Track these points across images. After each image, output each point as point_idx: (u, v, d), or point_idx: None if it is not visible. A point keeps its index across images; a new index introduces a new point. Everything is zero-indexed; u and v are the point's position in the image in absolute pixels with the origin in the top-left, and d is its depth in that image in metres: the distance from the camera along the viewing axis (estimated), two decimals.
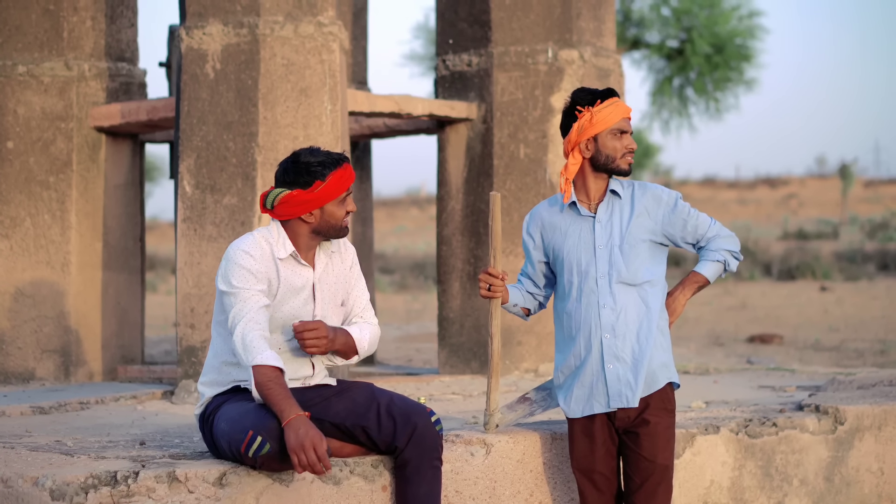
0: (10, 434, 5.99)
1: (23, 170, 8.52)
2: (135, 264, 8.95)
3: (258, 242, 5.01)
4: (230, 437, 4.83)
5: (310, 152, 5.03)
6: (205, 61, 7.70)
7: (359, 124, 9.83)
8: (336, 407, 5.04)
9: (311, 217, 5.04)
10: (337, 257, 5.22)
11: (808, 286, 26.51)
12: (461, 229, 8.88)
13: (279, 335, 5.06)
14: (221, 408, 4.98)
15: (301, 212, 5.02)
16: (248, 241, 5.01)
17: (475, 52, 8.85)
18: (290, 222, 5.08)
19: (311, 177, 4.99)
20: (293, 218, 5.05)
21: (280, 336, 5.07)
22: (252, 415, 4.78)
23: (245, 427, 4.76)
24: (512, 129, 8.70)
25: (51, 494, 4.66)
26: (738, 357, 14.46)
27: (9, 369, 8.48)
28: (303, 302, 5.08)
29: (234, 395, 5.00)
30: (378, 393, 5.07)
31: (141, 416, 6.97)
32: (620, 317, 5.23)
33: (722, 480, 6.22)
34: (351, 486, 5.09)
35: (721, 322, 19.57)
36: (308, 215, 5.04)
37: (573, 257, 5.32)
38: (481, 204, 8.75)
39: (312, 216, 5.04)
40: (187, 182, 7.70)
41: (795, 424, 6.46)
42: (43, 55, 8.61)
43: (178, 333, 7.84)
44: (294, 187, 5.00)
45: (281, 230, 5.08)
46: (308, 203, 5.00)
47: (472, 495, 5.45)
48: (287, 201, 5.00)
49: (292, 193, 5.00)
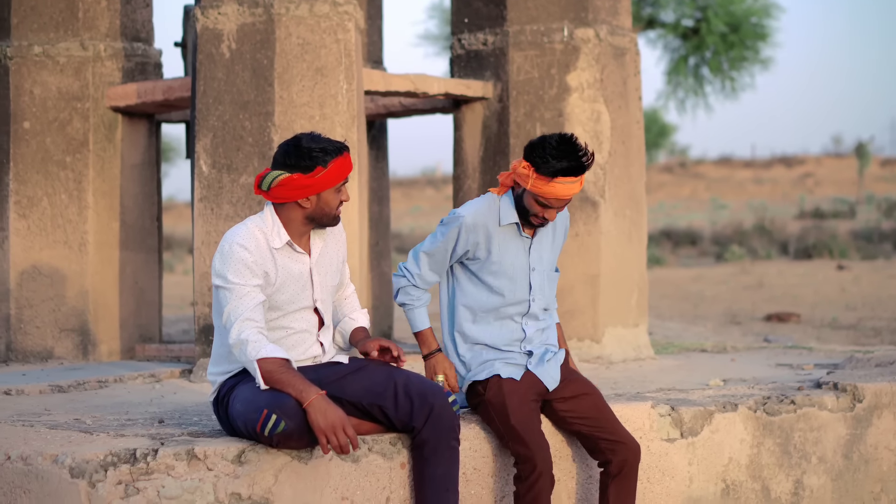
0: (30, 412, 6.01)
1: (39, 150, 8.53)
2: (152, 244, 8.95)
3: (252, 233, 4.97)
4: (245, 418, 4.84)
5: (311, 138, 4.99)
6: (220, 41, 7.69)
7: (374, 103, 9.82)
8: (352, 385, 5.04)
9: (308, 203, 5.01)
10: (332, 240, 5.22)
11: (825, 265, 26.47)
12: None
13: (282, 318, 5.06)
14: (235, 389, 4.98)
15: (298, 196, 4.98)
16: (242, 232, 4.96)
17: (491, 31, 8.83)
18: (283, 207, 5.03)
19: (313, 161, 4.95)
20: (288, 202, 5.01)
21: (283, 319, 5.06)
22: (266, 394, 4.79)
23: (259, 406, 4.77)
24: (528, 107, 8.68)
25: (70, 472, 4.68)
26: (755, 336, 14.45)
27: (27, 348, 8.51)
28: (301, 287, 5.08)
29: (246, 376, 5.00)
30: (395, 373, 5.07)
31: (159, 394, 6.99)
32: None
33: (740, 458, 6.22)
34: (370, 464, 5.10)
35: (738, 301, 19.55)
36: (305, 200, 5.00)
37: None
38: (498, 183, 8.73)
39: (309, 202, 5.00)
40: (204, 161, 7.70)
41: (814, 402, 6.46)
42: (58, 35, 8.61)
43: (195, 312, 7.85)
44: (294, 171, 4.96)
45: (275, 217, 5.04)
46: (307, 188, 4.96)
47: (491, 472, 5.46)
48: (286, 184, 4.96)
49: (292, 177, 4.95)
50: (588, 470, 5.71)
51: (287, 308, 5.04)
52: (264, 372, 4.76)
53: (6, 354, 8.52)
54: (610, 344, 8.55)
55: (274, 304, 5.00)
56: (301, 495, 4.94)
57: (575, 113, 8.57)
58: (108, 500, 4.66)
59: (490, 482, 5.45)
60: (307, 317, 5.12)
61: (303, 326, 5.10)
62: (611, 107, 8.66)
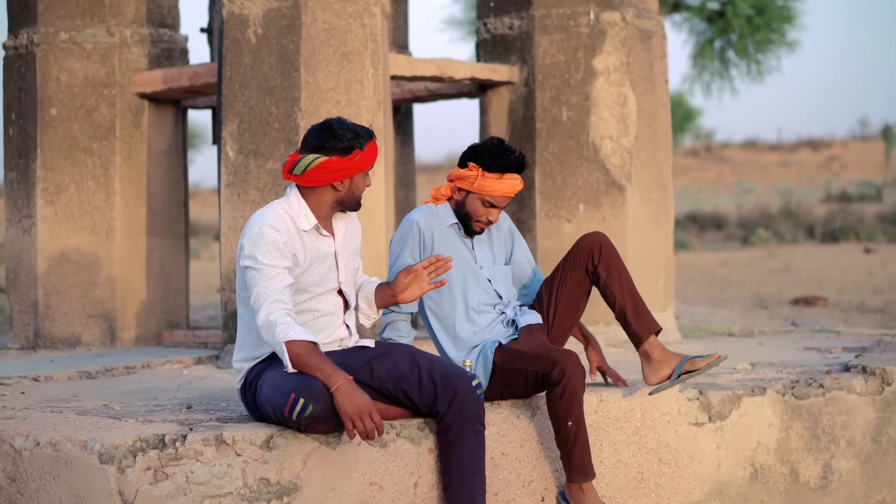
0: (58, 398, 6.03)
1: (66, 136, 8.55)
2: (179, 230, 8.97)
3: (280, 215, 4.99)
4: (273, 402, 4.85)
5: (341, 123, 5.03)
6: (246, 26, 7.69)
7: (400, 88, 9.81)
8: (377, 370, 5.05)
9: (342, 186, 5.05)
10: (351, 225, 5.27)
11: (852, 248, 26.38)
12: None
13: (309, 301, 5.07)
14: (263, 374, 4.99)
15: (335, 179, 5.01)
16: (271, 214, 4.98)
17: (516, 15, 8.81)
18: (313, 191, 5.06)
19: (351, 144, 4.99)
20: (321, 186, 5.04)
21: (310, 302, 5.07)
22: (294, 377, 4.80)
23: (287, 390, 4.78)
24: (554, 91, 8.66)
25: (99, 458, 4.69)
26: (782, 319, 14.42)
27: (55, 335, 8.53)
28: (327, 270, 5.10)
29: (273, 362, 5.01)
30: (419, 356, 5.07)
31: (187, 380, 7.00)
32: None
33: (769, 442, 6.20)
34: (397, 449, 5.10)
35: (765, 285, 19.51)
36: (339, 184, 5.04)
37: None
38: None
39: (343, 185, 5.05)
40: (230, 147, 7.70)
41: (842, 385, 6.44)
42: (85, 22, 8.62)
43: (222, 298, 7.86)
44: (332, 154, 4.99)
45: (301, 201, 5.07)
46: (345, 171, 5.00)
47: (519, 457, 5.46)
48: (325, 167, 4.98)
49: (331, 160, 4.98)
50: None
51: (314, 290, 5.05)
52: (292, 355, 4.77)
53: (34, 341, 8.56)
54: None
55: (301, 287, 5.01)
56: (329, 480, 4.95)
57: (601, 97, 8.55)
58: (137, 485, 4.67)
59: (518, 467, 5.45)
60: (333, 299, 5.14)
61: (329, 309, 5.12)
62: (637, 90, 8.63)
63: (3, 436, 4.98)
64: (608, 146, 8.54)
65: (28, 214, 8.61)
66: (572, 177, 8.57)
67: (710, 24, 28.95)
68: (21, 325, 8.66)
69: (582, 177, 8.56)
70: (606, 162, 8.53)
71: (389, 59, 8.21)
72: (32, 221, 8.57)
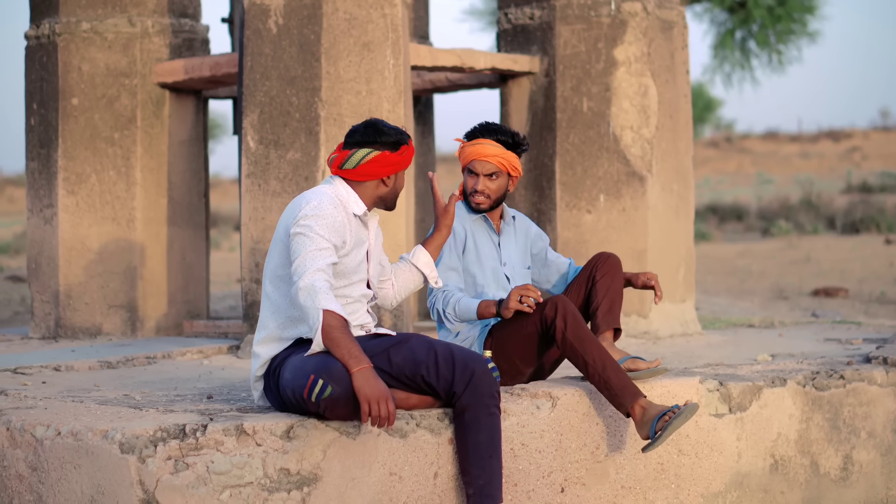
0: (79, 388, 6.05)
1: (88, 126, 8.57)
2: (199, 220, 8.98)
3: (334, 199, 5.07)
4: (293, 385, 4.87)
5: (383, 121, 5.15)
6: (267, 16, 7.70)
7: (421, 79, 9.81)
8: (395, 358, 5.06)
9: (389, 181, 5.18)
10: (378, 226, 5.35)
11: (873, 239, 26.26)
12: (524, 183, 8.85)
13: (344, 287, 5.10)
14: (286, 361, 5.01)
15: (386, 172, 5.12)
16: (328, 195, 5.07)
17: (537, 5, 8.80)
18: (359, 186, 5.16)
19: (399, 139, 5.12)
20: (369, 180, 5.13)
21: (345, 288, 5.10)
22: (314, 360, 4.83)
23: (307, 372, 4.80)
24: (575, 82, 8.65)
25: (120, 447, 4.70)
26: (802, 310, 14.37)
27: (76, 324, 8.55)
28: (362, 259, 5.17)
29: (297, 349, 5.03)
30: (436, 343, 5.11)
31: (207, 370, 7.02)
32: None
33: (789, 433, 6.19)
34: (417, 439, 5.11)
35: (785, 276, 19.44)
36: (387, 178, 5.15)
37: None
38: (544, 158, 8.72)
39: (390, 180, 5.18)
40: (251, 137, 7.71)
41: (863, 377, 6.43)
42: (106, 12, 8.64)
43: (242, 288, 7.87)
44: (384, 148, 5.06)
45: (350, 189, 5.13)
46: (395, 165, 5.12)
47: (538, 448, 5.46)
48: (378, 160, 5.08)
49: (384, 153, 5.08)
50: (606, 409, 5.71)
51: (351, 277, 5.11)
52: (326, 325, 4.78)
53: (55, 330, 8.58)
54: (657, 319, 8.52)
55: (340, 271, 5.05)
56: (349, 470, 4.96)
57: (622, 87, 8.54)
58: (157, 475, 4.68)
59: (537, 458, 5.45)
60: (362, 288, 5.21)
61: (359, 295, 5.19)
62: (658, 81, 8.62)
63: (24, 425, 5.00)
64: (629, 137, 8.53)
65: (49, 204, 8.63)
66: (593, 167, 8.57)
67: (731, 15, 28.87)
68: (42, 315, 8.69)
69: (602, 167, 8.55)
70: (627, 152, 8.52)
71: (410, 49, 8.21)
72: (54, 211, 8.59)
